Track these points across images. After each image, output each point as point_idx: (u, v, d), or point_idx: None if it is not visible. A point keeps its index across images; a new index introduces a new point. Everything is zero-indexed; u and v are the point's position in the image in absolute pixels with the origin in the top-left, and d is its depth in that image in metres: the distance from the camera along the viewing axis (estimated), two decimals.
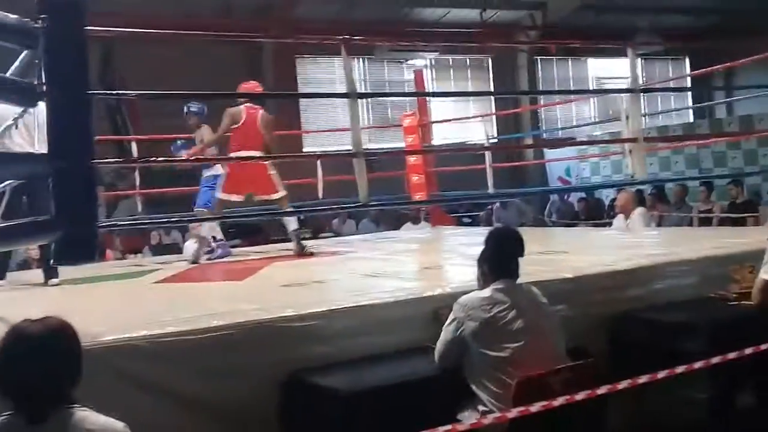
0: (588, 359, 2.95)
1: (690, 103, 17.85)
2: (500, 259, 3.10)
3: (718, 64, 8.17)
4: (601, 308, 3.78)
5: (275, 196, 6.17)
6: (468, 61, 18.30)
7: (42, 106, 3.01)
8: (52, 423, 2.00)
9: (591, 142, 12.59)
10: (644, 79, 17.76)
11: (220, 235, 6.57)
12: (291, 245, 6.41)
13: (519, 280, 3.10)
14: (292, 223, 6.36)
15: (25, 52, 3.46)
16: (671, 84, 16.97)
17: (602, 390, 2.52)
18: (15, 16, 3.10)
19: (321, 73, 16.37)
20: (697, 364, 2.91)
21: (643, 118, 8.24)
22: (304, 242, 6.57)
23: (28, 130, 4.11)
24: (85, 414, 2.03)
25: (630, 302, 3.86)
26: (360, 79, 15.61)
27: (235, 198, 6.18)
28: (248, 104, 6.23)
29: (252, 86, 6.45)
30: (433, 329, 3.26)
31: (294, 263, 5.92)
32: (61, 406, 2.02)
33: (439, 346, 3.01)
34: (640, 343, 3.57)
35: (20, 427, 1.99)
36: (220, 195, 6.15)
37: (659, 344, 3.52)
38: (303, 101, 15.41)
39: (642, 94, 4.86)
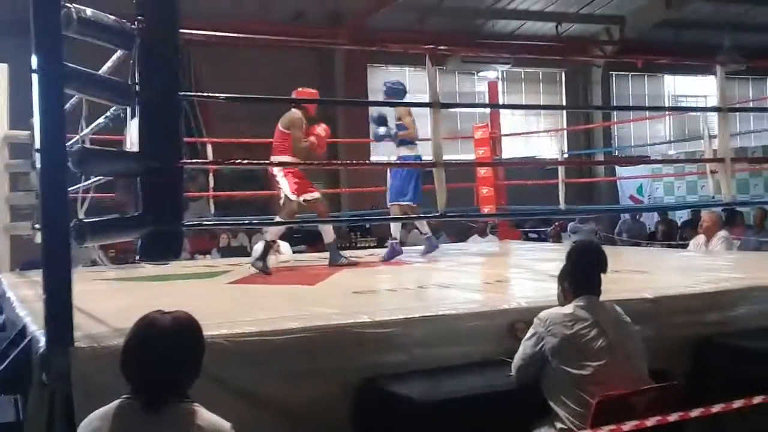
0: (672, 382, 2.87)
1: None
2: (582, 274, 3.03)
3: None
4: (682, 331, 3.67)
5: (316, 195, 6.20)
6: (541, 74, 18.15)
7: None
8: (165, 414, 2.07)
9: (674, 161, 12.30)
10: None
11: (425, 229, 6.85)
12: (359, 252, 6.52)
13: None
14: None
15: (119, 52, 3.58)
16: (751, 104, 16.47)
17: (694, 413, 2.44)
18: (113, 17, 3.20)
19: None
20: None
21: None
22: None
23: None
24: (196, 409, 2.10)
25: (713, 326, 3.74)
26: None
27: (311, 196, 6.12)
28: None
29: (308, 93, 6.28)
30: (509, 343, 3.23)
31: (363, 270, 5.94)
32: (175, 398, 2.09)
33: (518, 360, 2.96)
34: (724, 368, 3.45)
35: (135, 413, 2.06)
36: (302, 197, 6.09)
37: (743, 371, 3.39)
38: (371, 110, 15.51)
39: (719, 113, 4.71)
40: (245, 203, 13.10)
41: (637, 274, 5.05)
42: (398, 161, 6.51)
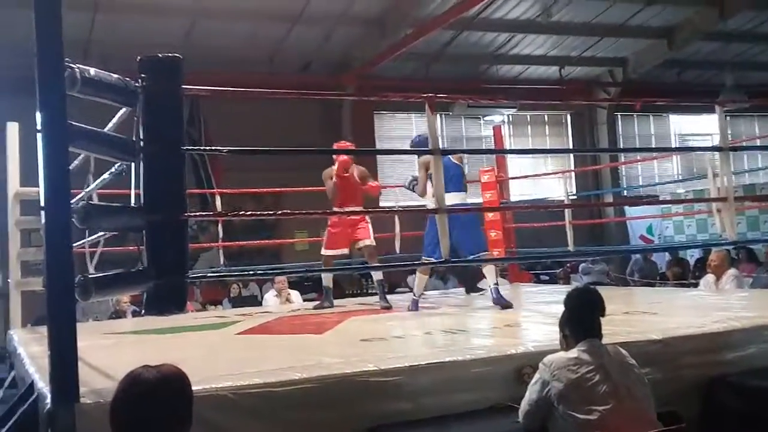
0: (680, 425, 2.84)
1: None
2: (581, 320, 3.03)
3: None
4: (691, 372, 3.64)
5: (367, 242, 6.53)
6: (546, 117, 18.27)
7: None
8: None
9: (678, 201, 12.30)
10: (730, 136, 17.33)
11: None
12: (368, 299, 6.51)
13: (605, 341, 3.02)
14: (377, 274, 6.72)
15: (123, 109, 3.65)
16: (758, 141, 16.51)
17: None
18: (116, 76, 3.27)
19: (398, 129, 16.60)
20: None
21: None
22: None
23: None
24: None
25: (723, 366, 3.71)
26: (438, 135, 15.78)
27: (340, 252, 6.59)
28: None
29: (345, 144, 6.65)
30: (516, 388, 3.21)
31: (372, 318, 5.92)
32: None
33: (524, 405, 2.95)
34: (735, 409, 3.41)
35: None
36: (325, 252, 6.59)
37: (754, 411, 3.35)
38: (380, 157, 15.62)
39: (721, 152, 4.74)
40: (256, 253, 13.17)
41: (647, 315, 5.03)
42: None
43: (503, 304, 5.98)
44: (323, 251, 6.65)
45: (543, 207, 14.68)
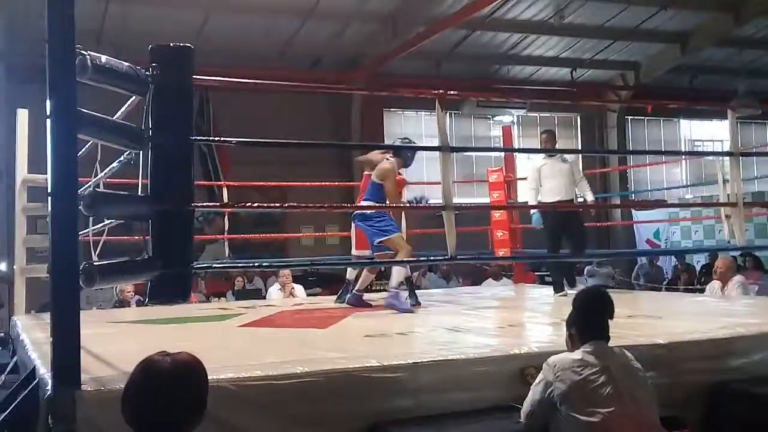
0: (684, 429, 2.82)
1: None
2: (589, 321, 3.01)
3: None
4: (695, 377, 3.62)
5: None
6: (556, 119, 18.21)
7: None
8: None
9: (688, 205, 12.24)
10: (740, 142, 17.27)
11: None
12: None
13: (610, 344, 3.00)
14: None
15: (134, 97, 3.65)
16: None
17: None
18: (127, 64, 3.27)
19: (407, 127, 16.57)
20: None
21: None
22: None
23: None
24: None
25: (727, 373, 3.69)
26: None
27: (364, 252, 6.34)
28: None
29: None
30: (519, 388, 3.20)
31: (376, 314, 5.91)
32: None
33: (526, 406, 2.93)
34: (738, 416, 3.39)
35: None
36: (354, 252, 6.63)
37: (758, 418, 3.33)
38: None
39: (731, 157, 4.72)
40: (262, 246, 13.17)
41: (651, 319, 5.01)
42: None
43: (401, 309, 5.75)
44: (353, 251, 6.68)
45: (549, 207, 14.61)
